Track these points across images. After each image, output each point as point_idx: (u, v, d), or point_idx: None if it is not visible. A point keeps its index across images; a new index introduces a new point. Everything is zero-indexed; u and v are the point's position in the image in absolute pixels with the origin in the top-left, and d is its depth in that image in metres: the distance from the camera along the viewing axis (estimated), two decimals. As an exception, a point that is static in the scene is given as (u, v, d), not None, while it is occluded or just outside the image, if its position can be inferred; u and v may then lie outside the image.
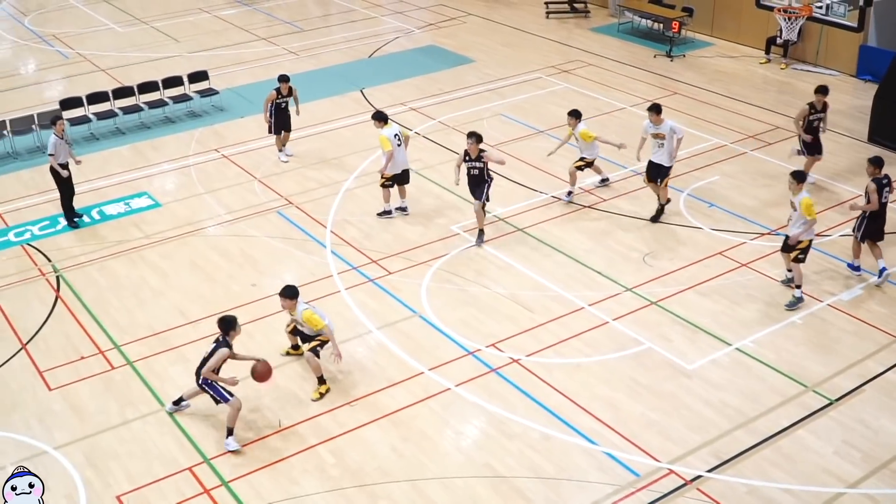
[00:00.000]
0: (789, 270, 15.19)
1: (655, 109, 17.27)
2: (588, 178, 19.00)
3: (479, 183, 16.78)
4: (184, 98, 23.36)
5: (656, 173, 17.35)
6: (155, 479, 11.83)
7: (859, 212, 15.34)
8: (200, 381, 12.37)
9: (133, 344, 14.54)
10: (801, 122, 18.25)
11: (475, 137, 16.60)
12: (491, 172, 16.93)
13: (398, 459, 12.01)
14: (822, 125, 18.37)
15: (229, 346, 12.27)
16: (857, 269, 15.57)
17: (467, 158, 16.68)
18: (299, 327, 13.37)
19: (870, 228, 15.29)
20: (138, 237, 17.61)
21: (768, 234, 17.06)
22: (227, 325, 12.37)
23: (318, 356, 13.11)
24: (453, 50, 27.74)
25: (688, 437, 12.31)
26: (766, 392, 13.09)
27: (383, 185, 17.92)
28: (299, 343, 13.67)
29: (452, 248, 16.84)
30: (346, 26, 30.71)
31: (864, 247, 15.45)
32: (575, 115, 18.28)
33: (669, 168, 17.29)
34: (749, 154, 20.35)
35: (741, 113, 22.58)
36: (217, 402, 12.42)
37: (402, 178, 17.96)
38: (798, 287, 14.90)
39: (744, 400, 12.94)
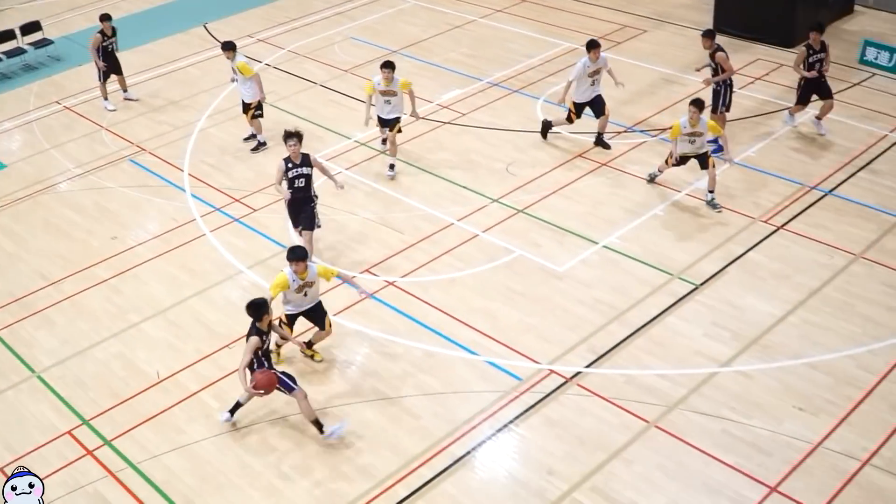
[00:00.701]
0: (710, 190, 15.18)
1: (596, 45, 16.58)
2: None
3: (305, 203, 14.04)
4: (17, 52, 22.42)
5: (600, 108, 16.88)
6: (35, 447, 11.64)
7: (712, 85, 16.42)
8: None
9: (-6, 313, 14.17)
10: (800, 66, 16.60)
11: (296, 138, 13.73)
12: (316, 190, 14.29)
13: (282, 395, 12.08)
14: (824, 66, 16.59)
15: (260, 334, 11.00)
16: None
17: (290, 165, 13.80)
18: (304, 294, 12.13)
19: (729, 97, 16.41)
20: (-15, 202, 17.03)
21: (624, 131, 17.53)
22: (256, 310, 11.02)
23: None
24: (295, -25, 27.23)
25: (564, 337, 12.73)
26: (635, 284, 13.60)
27: (255, 116, 17.62)
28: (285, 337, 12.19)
29: (316, 179, 16.73)
30: (182, -40, 29.76)
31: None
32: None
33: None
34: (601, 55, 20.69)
35: (589, 15, 22.90)
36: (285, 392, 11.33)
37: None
38: (711, 191, 15.13)
39: (614, 294, 13.43)
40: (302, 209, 14.01)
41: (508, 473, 10.82)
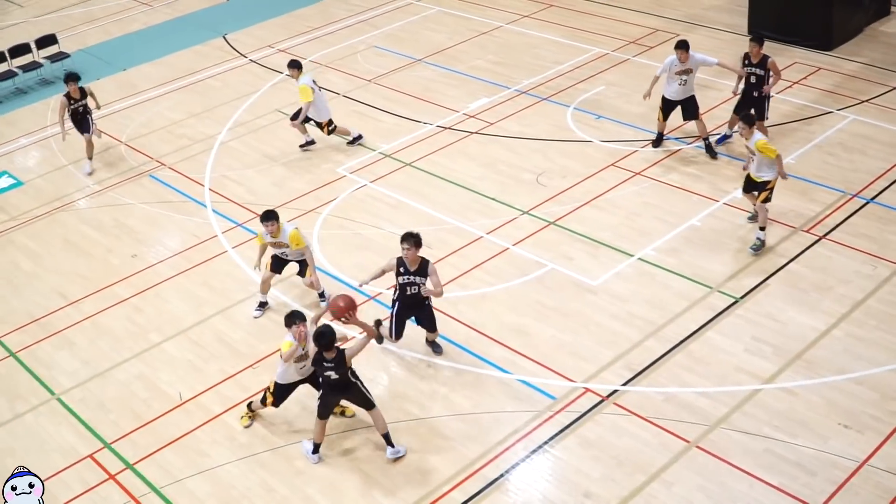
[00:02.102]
0: (751, 218, 14.73)
1: (684, 46, 16.10)
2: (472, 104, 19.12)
3: (417, 304, 12.40)
4: (33, 66, 22.61)
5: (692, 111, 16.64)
6: (56, 471, 11.66)
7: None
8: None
9: (13, 334, 14.19)
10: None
11: (413, 240, 11.91)
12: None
13: (309, 416, 12.00)
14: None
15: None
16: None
17: (402, 271, 12.13)
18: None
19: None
20: (3, 220, 17.10)
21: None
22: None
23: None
24: (317, -17, 27.34)
25: (600, 354, 12.63)
26: (672, 298, 13.48)
27: (331, 132, 17.93)
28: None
29: (341, 192, 16.78)
30: (200, -30, 29.95)
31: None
32: None
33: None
34: (631, 60, 20.65)
35: (620, 19, 22.82)
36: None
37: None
38: (762, 229, 14.20)
39: (651, 309, 13.31)
40: (419, 309, 12.46)
41: (543, 497, 10.72)
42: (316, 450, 11.36)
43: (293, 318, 11.21)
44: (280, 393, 11.63)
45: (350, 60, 22.09)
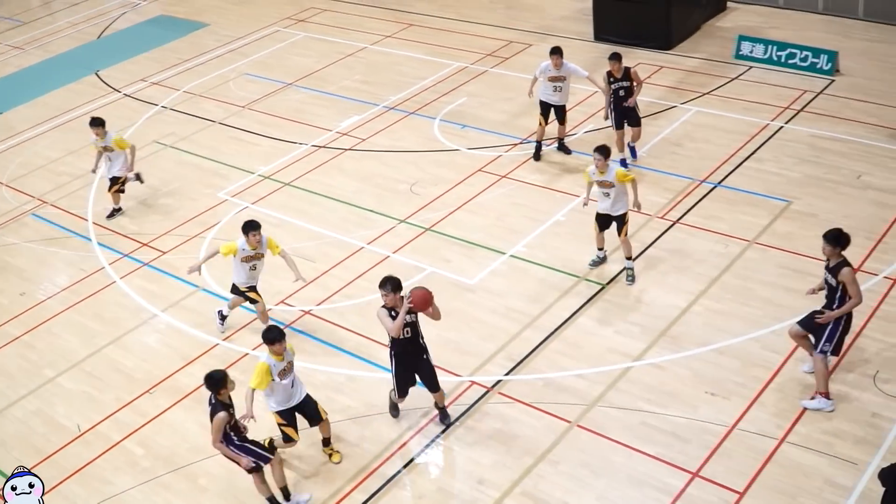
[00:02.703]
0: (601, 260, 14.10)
1: (558, 52, 16.14)
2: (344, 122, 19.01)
3: (417, 355, 11.09)
4: None
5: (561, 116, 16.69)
6: (-41, 514, 11.15)
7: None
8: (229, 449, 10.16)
9: None
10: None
11: (390, 285, 10.75)
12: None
13: (208, 434, 11.71)
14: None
15: (226, 407, 9.96)
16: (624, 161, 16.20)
17: (393, 315, 10.83)
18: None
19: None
20: None
21: (520, 143, 17.62)
22: (214, 383, 9.91)
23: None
24: (185, 17, 26.83)
25: (482, 347, 12.68)
26: (545, 290, 13.64)
27: (119, 190, 16.62)
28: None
29: (223, 216, 16.49)
30: (70, 10, 29.10)
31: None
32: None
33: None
34: (490, 71, 20.85)
35: (475, 34, 23.02)
36: (254, 469, 10.25)
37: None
38: (630, 258, 13.60)
39: (526, 302, 13.44)
40: (417, 365, 11.11)
41: (439, 488, 10.70)
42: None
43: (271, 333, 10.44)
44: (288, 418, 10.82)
45: (223, 89, 21.75)
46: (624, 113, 15.97)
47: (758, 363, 11.83)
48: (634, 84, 15.92)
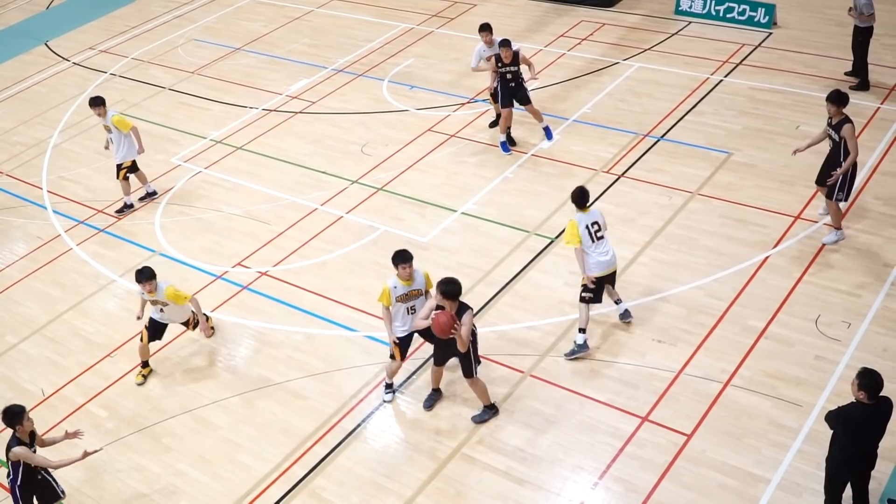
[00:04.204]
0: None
1: (485, 28, 15.45)
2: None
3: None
4: None
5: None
6: (-76, 482, 11.04)
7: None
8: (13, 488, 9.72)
9: None
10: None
11: (442, 288, 9.93)
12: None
13: (171, 395, 11.75)
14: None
15: (25, 443, 9.56)
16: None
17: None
18: (161, 318, 11.79)
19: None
20: None
21: (467, 102, 17.60)
22: (12, 418, 9.51)
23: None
24: (130, -16, 26.30)
25: (436, 303, 12.73)
26: (496, 245, 13.71)
27: (126, 177, 15.50)
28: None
29: (177, 181, 16.31)
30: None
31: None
32: None
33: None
34: (436, 32, 20.74)
35: (422, -6, 22.89)
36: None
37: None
38: (582, 331, 11.69)
39: (478, 257, 13.50)
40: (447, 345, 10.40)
41: (399, 439, 10.80)
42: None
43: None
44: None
45: (172, 55, 21.41)
46: (511, 93, 15.38)
47: (702, 310, 12.02)
48: (523, 66, 15.30)
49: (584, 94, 17.29)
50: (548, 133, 15.86)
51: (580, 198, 11.18)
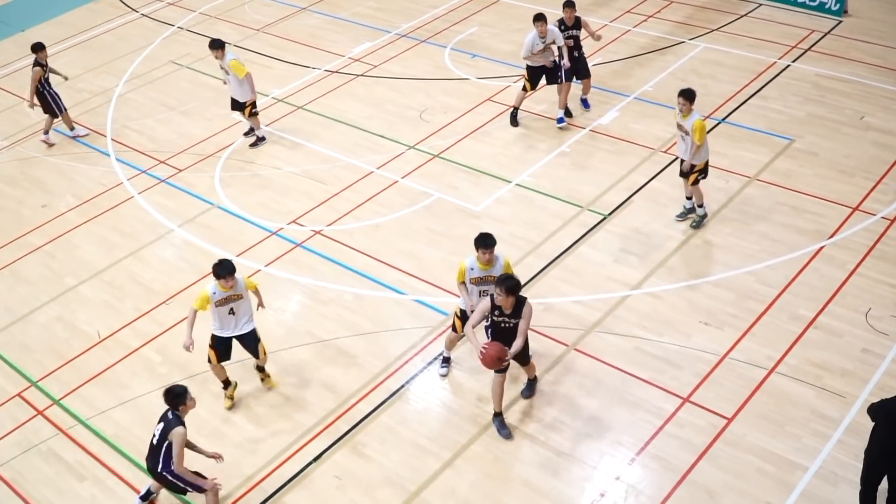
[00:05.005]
0: (689, 198, 13.39)
1: (541, 18, 14.95)
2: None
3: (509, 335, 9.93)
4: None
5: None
6: (-16, 412, 11.49)
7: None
8: (163, 474, 9.42)
9: (-70, 286, 13.79)
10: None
11: (504, 286, 9.61)
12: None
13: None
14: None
15: (183, 423, 9.34)
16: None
17: (497, 314, 9.93)
18: (226, 325, 10.80)
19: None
20: (-89, 178, 16.48)
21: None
22: (176, 398, 9.36)
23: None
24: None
25: (486, 272, 12.87)
26: (548, 218, 13.79)
27: (252, 114, 15.92)
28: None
29: (238, 137, 16.58)
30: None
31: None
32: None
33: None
34: (501, 1, 20.72)
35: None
36: (184, 492, 9.77)
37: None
38: (700, 206, 13.25)
39: (529, 229, 13.60)
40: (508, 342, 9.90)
41: (441, 402, 10.99)
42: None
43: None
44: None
45: (238, 11, 21.66)
46: (574, 62, 15.38)
47: (752, 296, 12.01)
48: (585, 35, 15.28)
49: (646, 72, 17.22)
50: (585, 103, 16.17)
51: None
